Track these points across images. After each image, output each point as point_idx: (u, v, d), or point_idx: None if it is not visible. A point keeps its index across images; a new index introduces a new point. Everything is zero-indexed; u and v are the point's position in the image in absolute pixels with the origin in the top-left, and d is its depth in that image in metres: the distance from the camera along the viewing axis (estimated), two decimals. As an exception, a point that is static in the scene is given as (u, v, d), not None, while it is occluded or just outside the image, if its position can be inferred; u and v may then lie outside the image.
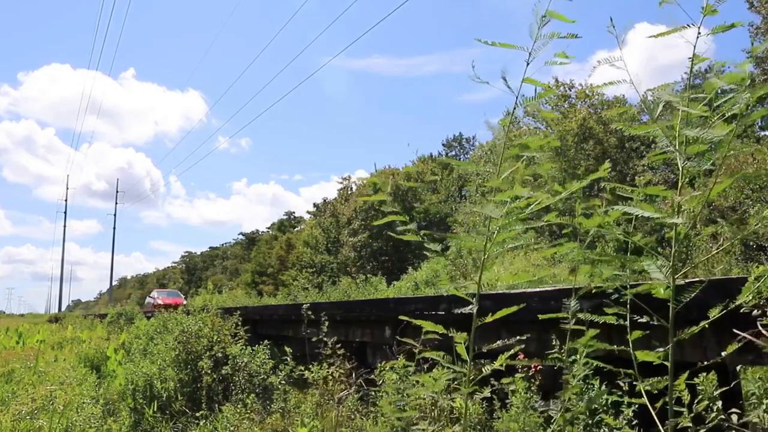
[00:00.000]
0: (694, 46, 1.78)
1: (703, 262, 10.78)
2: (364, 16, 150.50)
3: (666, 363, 1.90)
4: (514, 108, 1.99)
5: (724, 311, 1.92)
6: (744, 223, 12.77)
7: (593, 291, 2.23)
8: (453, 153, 46.65)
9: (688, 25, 1.76)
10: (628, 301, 2.07)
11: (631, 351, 1.99)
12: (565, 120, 25.11)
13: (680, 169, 1.88)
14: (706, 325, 1.91)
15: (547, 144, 2.09)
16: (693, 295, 1.88)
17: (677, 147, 1.85)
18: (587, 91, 27.62)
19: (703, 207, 1.89)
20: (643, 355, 1.95)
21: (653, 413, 1.92)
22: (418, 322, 2.37)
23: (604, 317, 2.10)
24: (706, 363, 2.31)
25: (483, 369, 2.30)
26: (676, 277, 1.87)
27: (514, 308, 2.24)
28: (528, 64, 1.88)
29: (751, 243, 13.06)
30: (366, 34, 55.70)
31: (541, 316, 2.34)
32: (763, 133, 25.21)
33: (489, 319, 2.18)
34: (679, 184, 1.88)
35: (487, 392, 2.81)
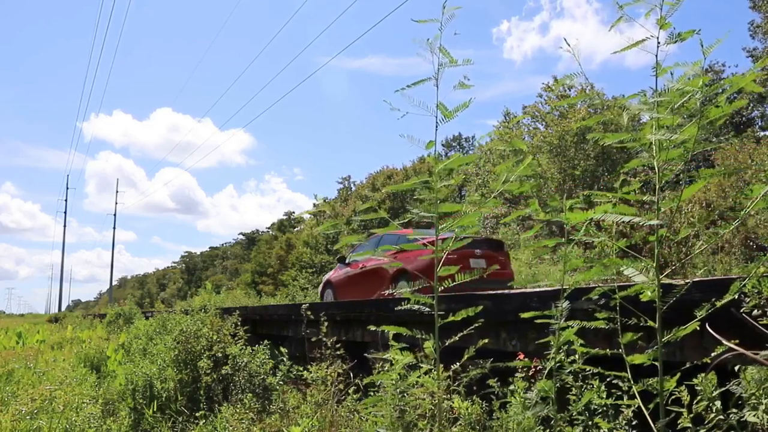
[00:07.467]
0: (656, 56, 1.84)
1: (693, 263, 10.79)
2: (362, 15, 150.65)
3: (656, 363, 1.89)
4: (437, 127, 2.45)
5: (711, 311, 1.93)
6: (744, 225, 12.79)
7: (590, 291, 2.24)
8: (452, 153, 46.70)
9: (647, 38, 1.83)
10: (618, 305, 2.07)
11: (623, 354, 1.99)
12: (564, 120, 25.10)
13: (656, 171, 1.90)
14: (697, 326, 1.91)
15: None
16: (679, 295, 1.89)
17: (654, 153, 1.89)
18: (587, 90, 27.59)
19: (678, 208, 1.92)
20: (633, 358, 1.96)
21: (646, 414, 1.92)
22: (393, 328, 2.51)
23: (595, 323, 2.12)
24: (690, 364, 2.32)
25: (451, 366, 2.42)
26: (661, 278, 1.89)
27: (471, 310, 2.33)
28: (437, 88, 2.37)
29: (751, 243, 13.07)
30: (366, 33, 55.67)
31: (522, 315, 2.39)
32: (763, 134, 25.20)
33: (450, 319, 2.31)
34: (656, 187, 1.91)
35: (445, 375, 2.89)
